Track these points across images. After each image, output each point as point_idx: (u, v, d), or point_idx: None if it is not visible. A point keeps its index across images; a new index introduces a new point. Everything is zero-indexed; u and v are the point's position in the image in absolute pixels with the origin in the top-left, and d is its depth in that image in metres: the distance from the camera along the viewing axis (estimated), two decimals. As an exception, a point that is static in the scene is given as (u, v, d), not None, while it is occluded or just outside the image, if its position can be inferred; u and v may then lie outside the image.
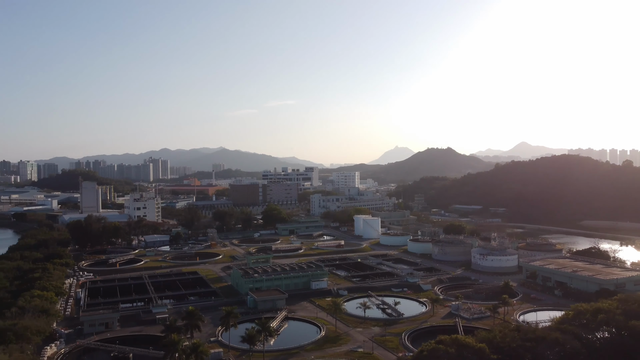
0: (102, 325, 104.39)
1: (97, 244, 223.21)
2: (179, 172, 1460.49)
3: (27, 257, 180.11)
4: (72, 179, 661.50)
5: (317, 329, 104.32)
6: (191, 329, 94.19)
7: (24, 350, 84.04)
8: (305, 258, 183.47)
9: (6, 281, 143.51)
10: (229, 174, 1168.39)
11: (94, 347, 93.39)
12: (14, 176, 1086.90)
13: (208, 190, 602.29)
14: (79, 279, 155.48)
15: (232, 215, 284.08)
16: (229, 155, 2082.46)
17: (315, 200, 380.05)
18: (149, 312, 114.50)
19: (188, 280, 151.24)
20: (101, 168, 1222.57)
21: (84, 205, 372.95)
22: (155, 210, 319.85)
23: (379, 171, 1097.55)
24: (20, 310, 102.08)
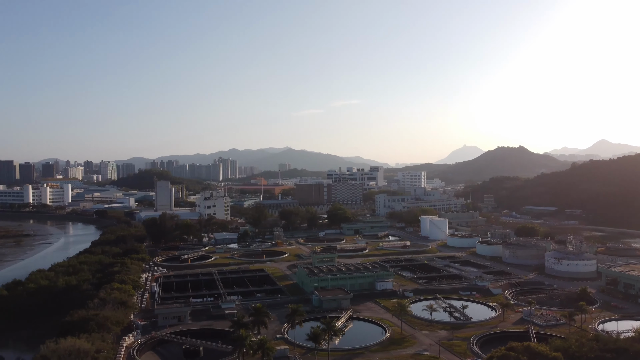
0: (174, 319, 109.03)
1: (170, 240, 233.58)
2: (246, 171, 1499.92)
3: (107, 252, 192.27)
4: (147, 178, 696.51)
5: (382, 330, 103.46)
6: (258, 325, 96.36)
7: (105, 339, 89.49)
8: (370, 258, 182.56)
9: (89, 274, 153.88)
10: (295, 173, 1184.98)
11: (167, 339, 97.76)
12: (96, 175, 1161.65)
13: (274, 190, 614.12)
14: (153, 273, 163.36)
15: (297, 214, 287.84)
16: (294, 155, 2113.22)
17: (380, 200, 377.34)
18: (218, 307, 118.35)
19: (255, 277, 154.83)
20: (174, 168, 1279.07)
21: (159, 203, 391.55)
22: (224, 208, 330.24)
23: (446, 171, 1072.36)
24: (101, 302, 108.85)
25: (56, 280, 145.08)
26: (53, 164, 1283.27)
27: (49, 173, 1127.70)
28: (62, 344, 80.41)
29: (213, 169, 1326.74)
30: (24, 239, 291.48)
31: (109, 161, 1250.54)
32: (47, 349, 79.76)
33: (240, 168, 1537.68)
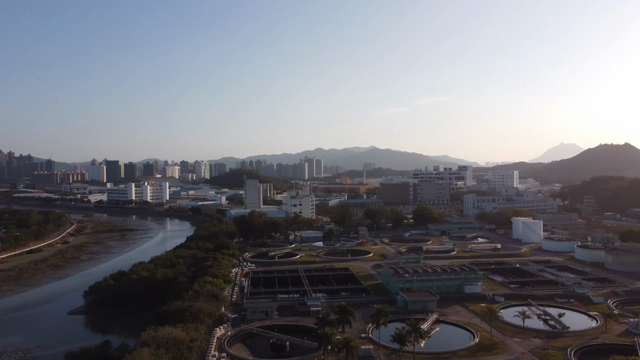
0: (262, 313, 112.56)
1: (258, 237, 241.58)
2: (331, 170, 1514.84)
3: (201, 247, 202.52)
4: (237, 176, 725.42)
5: (470, 335, 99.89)
6: (343, 324, 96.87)
7: (199, 330, 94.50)
8: (458, 260, 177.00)
9: (185, 267, 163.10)
10: (380, 172, 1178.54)
11: (256, 332, 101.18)
12: (191, 174, 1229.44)
13: (359, 189, 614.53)
14: (243, 268, 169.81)
15: (382, 213, 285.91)
16: (379, 154, 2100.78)
17: (469, 201, 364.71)
18: (303, 304, 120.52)
19: (340, 276, 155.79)
20: (262, 167, 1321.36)
21: (248, 201, 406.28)
22: (309, 207, 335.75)
23: (541, 170, 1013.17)
24: (195, 294, 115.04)
25: (155, 272, 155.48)
26: (153, 164, 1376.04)
27: (149, 172, 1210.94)
28: (161, 332, 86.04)
29: (299, 168, 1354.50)
30: (127, 233, 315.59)
31: (202, 161, 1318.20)
32: (148, 335, 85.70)
33: (326, 167, 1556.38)
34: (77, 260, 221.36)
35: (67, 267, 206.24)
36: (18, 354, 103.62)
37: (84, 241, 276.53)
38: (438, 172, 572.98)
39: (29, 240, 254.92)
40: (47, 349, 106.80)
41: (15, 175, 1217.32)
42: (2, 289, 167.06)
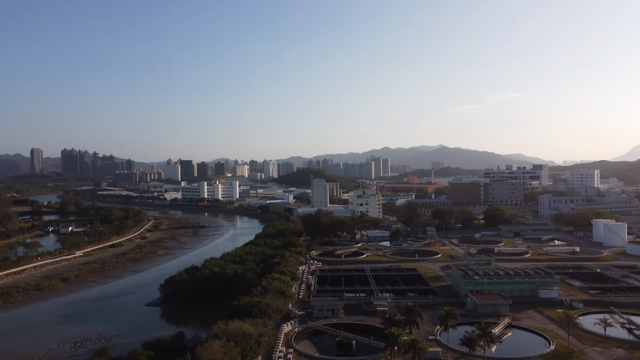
0: (329, 311, 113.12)
1: (325, 235, 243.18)
2: (398, 170, 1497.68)
3: (269, 244, 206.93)
4: (304, 176, 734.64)
5: (545, 342, 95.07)
6: (410, 325, 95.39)
7: (267, 325, 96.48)
8: (532, 263, 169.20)
9: (254, 264, 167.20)
10: (449, 172, 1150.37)
11: (322, 330, 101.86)
12: (260, 173, 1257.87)
13: (427, 188, 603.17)
14: (309, 266, 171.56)
15: (451, 214, 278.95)
16: (448, 152, 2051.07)
17: (544, 201, 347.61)
18: (370, 303, 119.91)
19: (407, 276, 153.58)
20: (329, 166, 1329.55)
21: (315, 200, 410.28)
22: (376, 206, 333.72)
23: (625, 169, 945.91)
24: (263, 290, 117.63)
25: (226, 267, 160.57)
26: (224, 163, 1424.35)
27: (220, 171, 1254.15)
28: (231, 326, 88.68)
29: (366, 167, 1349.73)
30: (200, 230, 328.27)
31: (270, 160, 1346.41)
32: (219, 329, 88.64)
33: (393, 166, 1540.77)
34: (153, 254, 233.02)
35: (144, 261, 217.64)
36: (101, 341, 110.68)
37: (160, 237, 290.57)
38: (511, 172, 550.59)
39: (111, 235, 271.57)
40: (127, 338, 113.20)
41: (99, 174, 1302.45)
42: (87, 279, 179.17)
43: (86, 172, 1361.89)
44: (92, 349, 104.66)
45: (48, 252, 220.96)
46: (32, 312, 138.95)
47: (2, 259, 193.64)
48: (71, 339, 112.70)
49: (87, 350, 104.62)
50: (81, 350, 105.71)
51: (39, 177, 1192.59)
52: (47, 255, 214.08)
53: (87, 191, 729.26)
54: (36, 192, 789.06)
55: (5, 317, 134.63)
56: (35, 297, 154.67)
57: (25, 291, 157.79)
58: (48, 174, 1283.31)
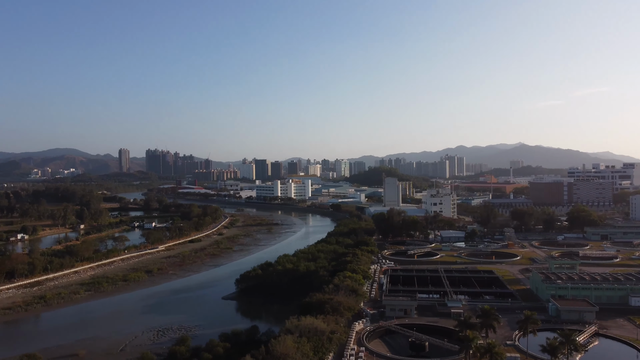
0: (401, 311, 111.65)
1: (397, 235, 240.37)
2: (474, 169, 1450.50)
3: (341, 243, 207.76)
4: (376, 175, 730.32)
5: (637, 353, 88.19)
6: (486, 328, 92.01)
7: (338, 322, 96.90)
8: (622, 269, 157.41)
9: (325, 261, 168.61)
10: (528, 171, 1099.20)
11: (394, 329, 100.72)
12: (332, 172, 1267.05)
13: (505, 188, 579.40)
14: (382, 266, 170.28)
15: (531, 215, 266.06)
16: (528, 151, 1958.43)
17: (637, 202, 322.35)
18: (444, 304, 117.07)
19: (483, 278, 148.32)
20: (401, 165, 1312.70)
21: (387, 199, 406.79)
22: (450, 206, 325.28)
23: None
24: (335, 288, 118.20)
25: (298, 264, 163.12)
26: (296, 163, 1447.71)
27: (293, 170, 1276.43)
28: (303, 322, 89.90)
29: (439, 166, 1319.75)
30: (273, 227, 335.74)
31: (342, 159, 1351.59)
32: (291, 324, 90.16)
33: (468, 165, 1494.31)
34: (230, 250, 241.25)
35: (221, 256, 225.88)
36: (181, 331, 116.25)
37: (236, 233, 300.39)
38: (598, 170, 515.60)
39: (191, 231, 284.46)
40: (205, 329, 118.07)
41: (179, 173, 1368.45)
42: (169, 272, 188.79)
43: (168, 171, 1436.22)
44: (173, 338, 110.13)
45: (134, 245, 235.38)
46: (119, 301, 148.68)
47: (94, 252, 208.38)
48: (154, 328, 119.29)
49: (168, 339, 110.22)
50: (163, 339, 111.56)
51: (126, 175, 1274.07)
52: (133, 249, 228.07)
53: (168, 189, 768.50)
54: (124, 189, 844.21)
55: (97, 305, 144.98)
56: (123, 287, 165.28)
57: (114, 281, 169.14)
58: (134, 172, 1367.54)
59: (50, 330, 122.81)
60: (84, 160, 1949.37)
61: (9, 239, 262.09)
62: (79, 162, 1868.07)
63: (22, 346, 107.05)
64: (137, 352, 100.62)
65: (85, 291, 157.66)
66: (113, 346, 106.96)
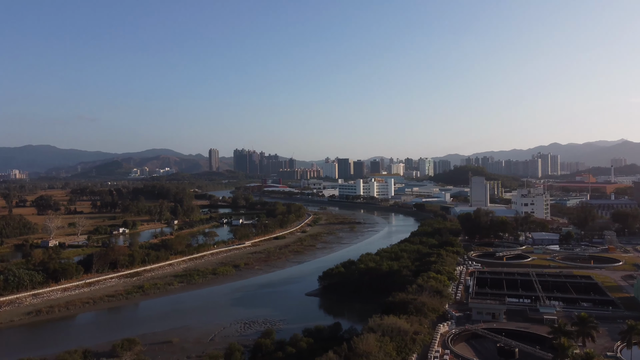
0: (488, 315, 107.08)
1: (484, 236, 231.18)
2: (570, 167, 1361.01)
3: (424, 243, 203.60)
4: (462, 174, 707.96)
5: None
6: (583, 337, 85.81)
7: (422, 323, 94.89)
8: None
9: (409, 261, 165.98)
10: (633, 169, 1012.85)
11: (481, 334, 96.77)
12: (415, 171, 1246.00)
13: (605, 188, 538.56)
14: (468, 267, 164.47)
15: (636, 217, 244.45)
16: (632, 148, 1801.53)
17: None
18: (535, 310, 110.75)
19: (580, 284, 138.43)
20: (489, 164, 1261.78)
21: (473, 199, 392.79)
22: (543, 207, 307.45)
23: None
24: (419, 288, 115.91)
25: (381, 263, 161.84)
26: (379, 161, 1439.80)
27: (375, 169, 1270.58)
28: (386, 321, 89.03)
29: (531, 165, 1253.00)
30: (356, 226, 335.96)
31: (426, 158, 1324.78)
32: (374, 322, 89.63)
33: (563, 164, 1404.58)
34: (313, 248, 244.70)
35: (304, 253, 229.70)
36: (266, 324, 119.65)
37: (319, 231, 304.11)
38: None
39: (275, 228, 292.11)
40: (288, 323, 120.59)
41: (265, 172, 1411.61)
42: (255, 267, 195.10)
43: (254, 170, 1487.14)
44: (259, 330, 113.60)
45: (222, 241, 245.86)
46: (209, 293, 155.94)
47: (186, 246, 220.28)
48: (241, 320, 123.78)
49: (254, 332, 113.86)
50: (249, 331, 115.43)
51: (215, 174, 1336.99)
52: (222, 244, 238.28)
53: (254, 187, 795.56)
54: (213, 187, 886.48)
55: (188, 296, 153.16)
56: (212, 280, 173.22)
57: (204, 275, 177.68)
58: (223, 171, 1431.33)
59: (147, 318, 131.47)
60: (177, 160, 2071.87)
61: (112, 233, 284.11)
62: (173, 162, 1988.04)
63: (123, 331, 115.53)
64: (225, 342, 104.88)
65: (178, 283, 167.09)
66: (203, 335, 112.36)
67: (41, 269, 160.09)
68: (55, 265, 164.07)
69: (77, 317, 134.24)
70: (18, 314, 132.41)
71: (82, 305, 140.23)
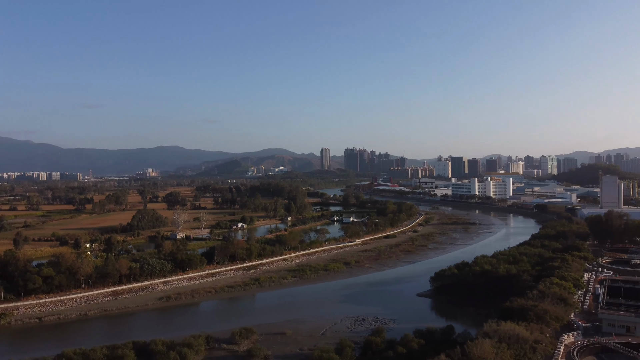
0: (622, 328, 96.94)
1: (617, 241, 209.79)
2: None
3: (547, 246, 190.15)
4: (591, 173, 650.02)
5: None
6: None
7: (543, 332, 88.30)
8: None
9: (528, 265, 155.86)
10: None
11: (613, 348, 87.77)
12: (536, 170, 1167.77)
13: None
14: (597, 274, 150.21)
15: None
16: None
17: None
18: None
19: None
20: (623, 162, 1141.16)
21: (604, 200, 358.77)
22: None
23: None
24: (540, 294, 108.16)
25: (497, 266, 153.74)
26: (496, 160, 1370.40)
27: (492, 168, 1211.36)
28: (502, 327, 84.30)
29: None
30: (470, 227, 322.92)
31: (549, 156, 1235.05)
32: (490, 328, 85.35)
33: None
34: (424, 248, 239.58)
35: (415, 253, 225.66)
36: (377, 322, 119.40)
37: (431, 231, 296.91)
38: None
39: (386, 226, 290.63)
40: (399, 323, 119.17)
41: (375, 170, 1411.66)
42: (365, 265, 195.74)
43: (364, 169, 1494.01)
44: (369, 328, 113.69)
45: (333, 238, 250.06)
46: (320, 289, 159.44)
47: (299, 242, 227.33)
48: (351, 317, 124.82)
49: (364, 329, 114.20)
50: (360, 328, 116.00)
51: (326, 173, 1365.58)
52: (333, 241, 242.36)
53: (365, 186, 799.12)
54: (324, 186, 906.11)
55: (301, 290, 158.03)
56: (323, 276, 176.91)
57: (315, 270, 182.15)
58: (334, 170, 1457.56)
59: (263, 309, 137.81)
60: (291, 159, 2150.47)
61: (231, 227, 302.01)
62: (287, 161, 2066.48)
63: (241, 320, 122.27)
64: (335, 337, 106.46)
65: (291, 277, 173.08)
66: (315, 329, 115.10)
67: (170, 259, 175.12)
68: (183, 256, 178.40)
69: (200, 304, 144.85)
70: (151, 298, 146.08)
71: (205, 294, 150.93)
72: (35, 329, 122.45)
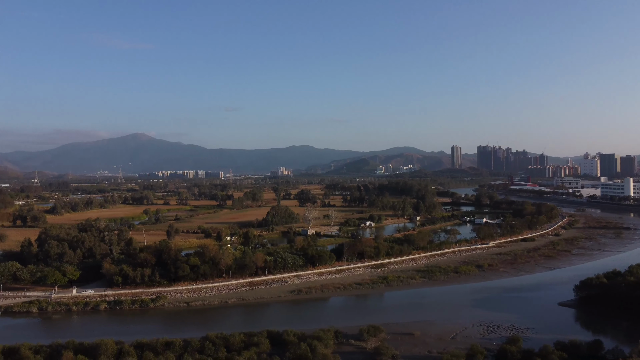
0: None
1: None
2: None
3: None
4: None
5: None
6: None
7: None
8: None
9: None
10: None
11: None
12: None
13: None
14: None
15: None
16: None
17: None
18: None
19: None
20: None
21: None
22: None
23: None
24: None
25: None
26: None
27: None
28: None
29: None
30: (623, 232, 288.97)
31: None
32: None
33: None
34: (567, 253, 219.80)
35: (557, 258, 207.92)
36: (512, 331, 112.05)
37: (575, 235, 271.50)
38: None
39: (523, 229, 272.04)
40: (537, 333, 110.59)
41: (511, 169, 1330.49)
42: (499, 269, 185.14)
43: (499, 167, 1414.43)
44: (503, 336, 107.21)
45: (465, 239, 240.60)
46: (450, 291, 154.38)
47: (428, 242, 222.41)
48: (484, 323, 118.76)
49: (498, 337, 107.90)
50: (493, 335, 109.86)
51: (457, 171, 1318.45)
52: (464, 243, 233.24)
53: (499, 185, 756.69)
54: (455, 185, 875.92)
55: (429, 291, 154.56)
56: (453, 278, 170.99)
57: (445, 272, 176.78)
58: (465, 168, 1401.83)
59: (390, 308, 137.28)
60: (419, 157, 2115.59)
61: (360, 225, 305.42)
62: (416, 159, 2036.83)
63: (368, 317, 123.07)
64: (466, 342, 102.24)
65: (420, 277, 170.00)
66: (444, 333, 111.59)
67: (302, 254, 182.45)
68: (313, 251, 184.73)
69: (329, 299, 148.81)
70: (283, 291, 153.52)
71: (334, 290, 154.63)
72: (183, 312, 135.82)
